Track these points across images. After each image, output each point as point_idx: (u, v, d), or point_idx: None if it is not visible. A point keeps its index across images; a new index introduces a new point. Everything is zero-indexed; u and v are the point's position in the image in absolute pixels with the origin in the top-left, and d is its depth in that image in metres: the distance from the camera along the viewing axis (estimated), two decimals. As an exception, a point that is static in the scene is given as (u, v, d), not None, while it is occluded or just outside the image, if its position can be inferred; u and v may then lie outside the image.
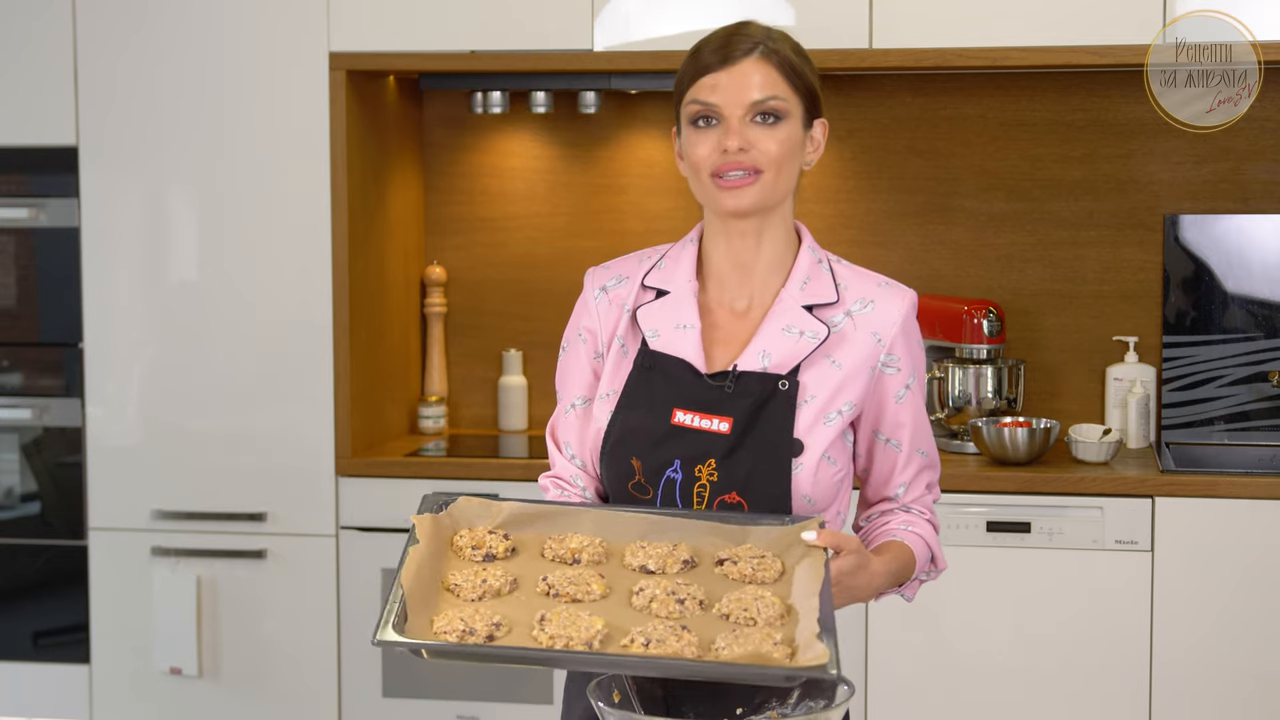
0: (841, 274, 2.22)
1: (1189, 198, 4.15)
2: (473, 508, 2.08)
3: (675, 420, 2.13)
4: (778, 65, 2.16)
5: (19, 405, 4.13)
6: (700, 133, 2.15)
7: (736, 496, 2.11)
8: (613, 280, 2.25)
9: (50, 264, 4.11)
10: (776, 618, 1.88)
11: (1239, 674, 3.66)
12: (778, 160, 2.15)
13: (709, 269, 2.23)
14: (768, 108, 2.14)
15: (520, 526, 2.07)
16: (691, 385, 2.14)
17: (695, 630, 1.86)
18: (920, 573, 2.21)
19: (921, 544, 2.20)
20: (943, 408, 4.05)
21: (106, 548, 4.08)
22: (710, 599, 1.93)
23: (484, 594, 1.93)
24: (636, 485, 2.14)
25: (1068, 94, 4.17)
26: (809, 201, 4.27)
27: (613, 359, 2.21)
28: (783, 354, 2.14)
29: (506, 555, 2.02)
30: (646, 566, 2.00)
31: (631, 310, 2.21)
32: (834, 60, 3.85)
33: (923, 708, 3.76)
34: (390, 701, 3.98)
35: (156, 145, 4.01)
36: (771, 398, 2.12)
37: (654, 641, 1.82)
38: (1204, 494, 3.66)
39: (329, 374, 3.98)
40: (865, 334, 2.16)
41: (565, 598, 1.93)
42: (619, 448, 2.15)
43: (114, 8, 3.99)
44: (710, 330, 2.19)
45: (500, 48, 3.92)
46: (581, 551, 2.01)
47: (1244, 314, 4.11)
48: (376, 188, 4.14)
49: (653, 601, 1.91)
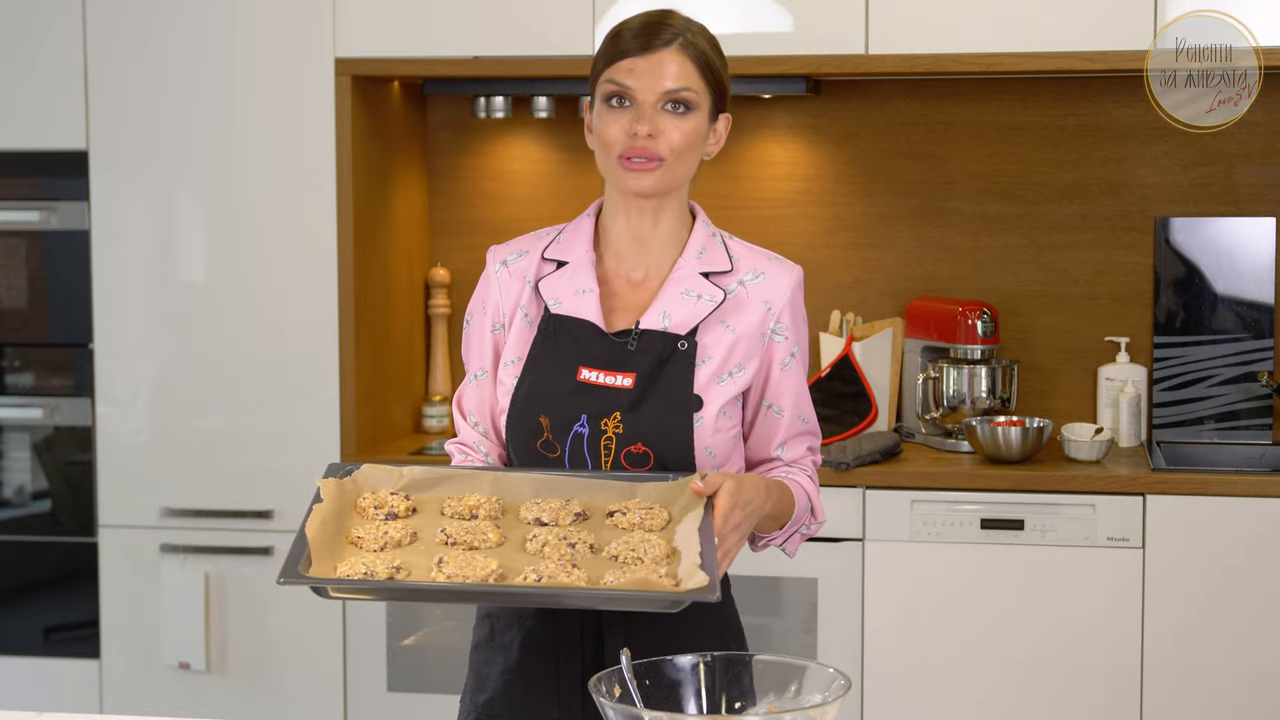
0: (734, 248, 2.33)
1: (1179, 201, 4.20)
2: (376, 474, 2.21)
3: (581, 378, 2.24)
4: (694, 58, 2.24)
5: (30, 405, 4.17)
6: (613, 112, 2.24)
7: (642, 446, 2.22)
8: (513, 255, 2.35)
9: (61, 266, 4.15)
10: (662, 557, 2.03)
11: (1228, 669, 3.69)
12: (680, 150, 2.24)
13: (607, 241, 2.33)
14: (679, 97, 2.23)
15: (422, 490, 2.20)
16: (595, 344, 2.25)
17: (585, 569, 2.00)
18: (801, 520, 2.30)
19: (800, 490, 2.28)
20: (938, 407, 4.10)
21: (116, 545, 4.12)
22: (600, 544, 2.08)
23: (386, 545, 2.07)
24: (545, 443, 2.24)
25: (1060, 99, 4.22)
26: (806, 205, 4.32)
27: (516, 328, 2.30)
28: (682, 315, 2.25)
29: (407, 514, 2.16)
30: (540, 519, 2.13)
31: (533, 282, 2.30)
32: (831, 65, 3.90)
33: (917, 703, 3.80)
34: (395, 696, 4.02)
35: (165, 149, 4.05)
36: (672, 356, 2.24)
37: (545, 577, 1.96)
38: (1194, 492, 3.69)
39: (335, 374, 4.02)
40: (757, 302, 2.28)
41: (463, 545, 2.06)
42: (526, 407, 2.25)
43: (124, 14, 4.03)
44: (609, 298, 2.29)
45: (503, 53, 3.96)
46: (479, 508, 2.14)
47: (1233, 315, 4.14)
48: (381, 191, 4.18)
49: (545, 546, 2.06)
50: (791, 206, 4.32)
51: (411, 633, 4.02)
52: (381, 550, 2.07)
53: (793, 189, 4.33)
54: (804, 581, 3.79)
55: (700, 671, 1.89)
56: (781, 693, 1.88)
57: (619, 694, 1.83)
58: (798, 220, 4.32)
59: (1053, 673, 3.75)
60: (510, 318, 2.31)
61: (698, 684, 1.89)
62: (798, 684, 1.87)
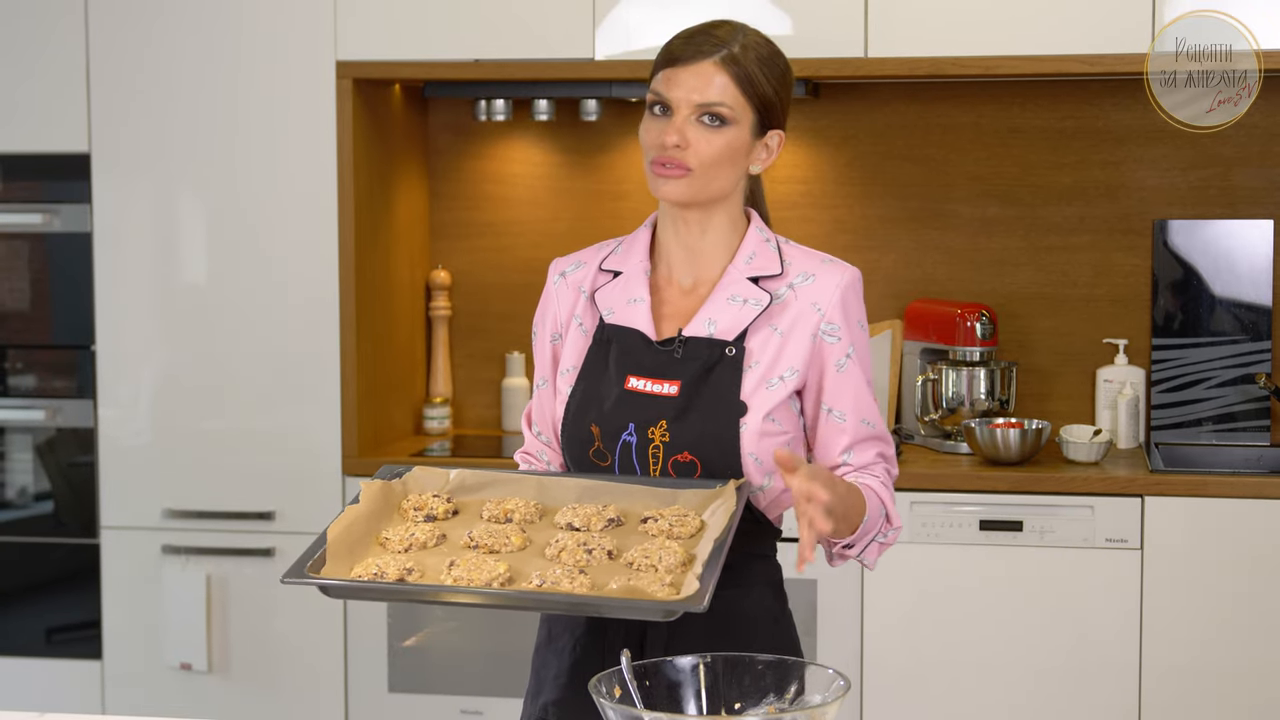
0: (788, 252, 2.31)
1: (1177, 203, 4.21)
2: (426, 476, 2.23)
3: (628, 386, 2.24)
4: (734, 74, 2.22)
5: (33, 406, 4.18)
6: (653, 119, 2.25)
7: (689, 456, 2.21)
8: (571, 266, 2.37)
9: (63, 268, 4.16)
10: (677, 565, 2.02)
11: (1227, 669, 3.70)
12: (709, 162, 2.22)
13: (661, 251, 2.33)
14: (712, 111, 2.22)
15: (468, 493, 2.22)
16: (643, 353, 2.25)
17: (594, 575, 2.00)
18: (875, 526, 2.22)
19: (871, 494, 2.21)
20: (936, 409, 4.11)
21: (118, 546, 4.13)
22: (620, 550, 2.07)
23: (410, 546, 2.09)
24: (597, 452, 2.25)
25: (1059, 102, 4.23)
26: (806, 207, 4.33)
27: (571, 337, 2.32)
28: (728, 321, 2.24)
29: (446, 516, 2.17)
30: (572, 524, 2.13)
31: (590, 292, 2.32)
32: (830, 69, 3.91)
33: (916, 704, 3.81)
34: (396, 696, 4.03)
35: (167, 152, 4.06)
36: (718, 362, 2.22)
37: (548, 582, 1.97)
38: (1192, 493, 3.70)
39: (336, 375, 4.03)
40: (806, 303, 2.25)
41: (484, 548, 2.07)
42: (579, 416, 2.26)
43: (126, 17, 4.04)
44: (660, 305, 2.29)
45: (504, 57, 3.97)
46: (515, 512, 2.15)
47: (1231, 317, 4.15)
48: (382, 193, 4.20)
49: (562, 551, 2.06)
50: (791, 209, 4.33)
51: (412, 633, 4.03)
52: (405, 551, 2.08)
53: (792, 191, 4.34)
54: (804, 582, 3.80)
55: (700, 672, 1.89)
56: (781, 693, 1.88)
57: (619, 694, 1.83)
58: (797, 223, 4.33)
59: (1051, 673, 3.76)
60: (566, 327, 2.33)
61: (698, 684, 1.89)
62: (798, 684, 1.87)
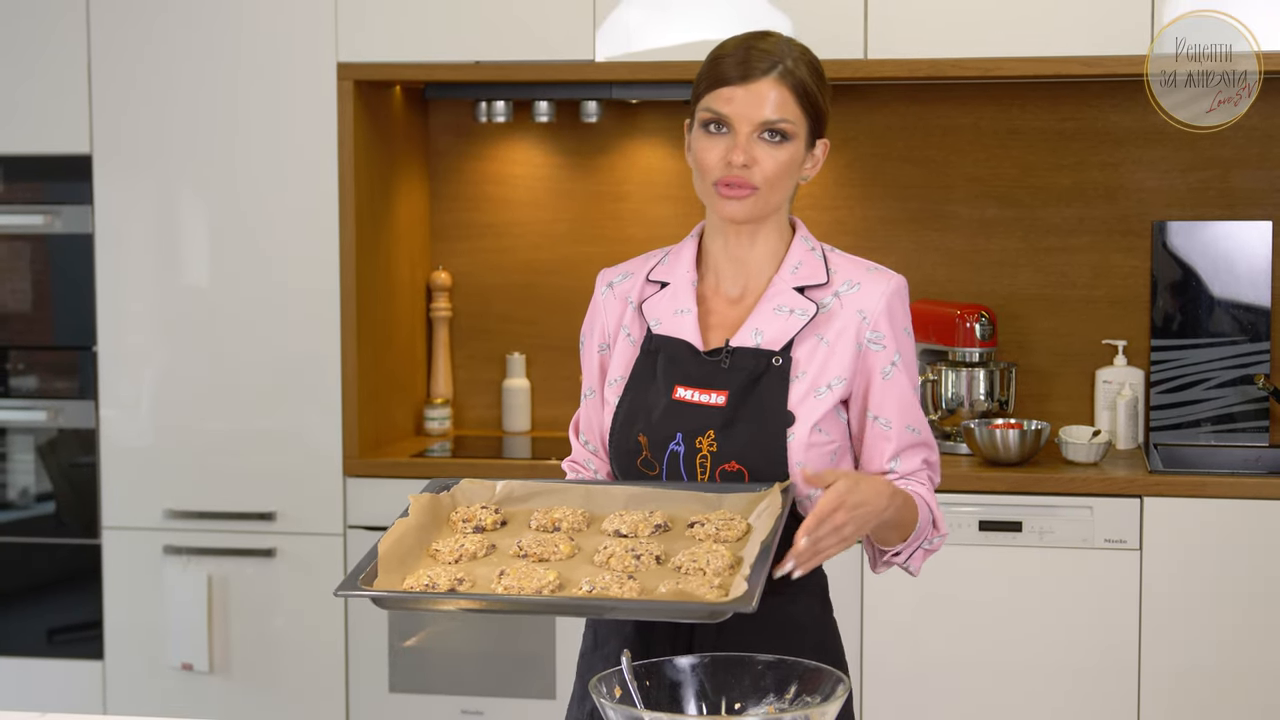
0: (834, 260, 2.30)
1: (1176, 204, 4.21)
2: (474, 488, 2.24)
3: (676, 396, 2.24)
4: (792, 87, 2.22)
5: (34, 407, 4.19)
6: (711, 138, 2.23)
7: (737, 465, 2.21)
8: (619, 276, 2.37)
9: (65, 269, 4.16)
10: (724, 568, 2.02)
11: (1226, 670, 3.71)
12: (774, 179, 2.23)
13: (708, 262, 2.33)
14: (776, 128, 2.21)
15: (516, 503, 2.23)
16: (690, 363, 2.25)
17: (643, 580, 2.00)
18: (924, 531, 2.24)
19: (920, 500, 2.22)
20: (936, 409, 4.11)
21: (119, 546, 4.14)
22: (668, 555, 2.07)
23: (460, 557, 2.09)
24: (644, 461, 2.25)
25: (1058, 103, 4.24)
26: (806, 208, 4.33)
27: (619, 347, 2.32)
28: (774, 331, 2.24)
29: (495, 527, 2.18)
30: (619, 531, 2.13)
31: (637, 303, 2.32)
32: (830, 70, 3.80)
33: (916, 704, 3.81)
34: (396, 696, 4.04)
35: (168, 153, 4.07)
36: (765, 373, 2.22)
37: (598, 588, 1.97)
38: (1191, 494, 3.71)
39: (337, 376, 4.04)
40: (851, 311, 2.24)
41: (533, 557, 2.08)
42: (626, 426, 2.27)
43: (127, 19, 4.05)
44: (707, 316, 2.29)
45: (504, 58, 3.98)
46: (562, 521, 2.16)
47: (1230, 318, 4.16)
48: (383, 195, 4.20)
49: (610, 558, 2.06)
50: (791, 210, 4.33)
51: (413, 634, 4.04)
52: (455, 562, 2.08)
53: (792, 193, 4.34)
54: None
55: (700, 672, 1.90)
56: (781, 693, 1.89)
57: (619, 694, 1.84)
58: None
59: (1050, 674, 3.77)
60: (614, 338, 2.34)
61: (698, 684, 1.90)
62: (798, 684, 1.88)
